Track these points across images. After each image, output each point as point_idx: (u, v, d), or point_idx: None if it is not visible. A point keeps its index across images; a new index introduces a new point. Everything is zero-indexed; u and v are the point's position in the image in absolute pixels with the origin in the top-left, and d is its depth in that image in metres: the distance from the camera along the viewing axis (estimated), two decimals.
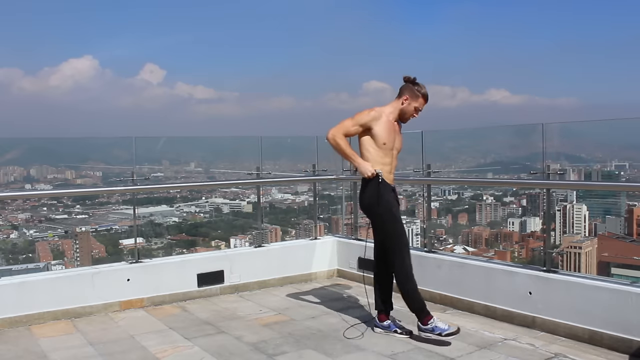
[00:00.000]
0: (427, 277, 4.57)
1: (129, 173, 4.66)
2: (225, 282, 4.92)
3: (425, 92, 3.56)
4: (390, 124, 3.56)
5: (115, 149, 6.19)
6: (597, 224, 10.30)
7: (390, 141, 3.55)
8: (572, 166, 6.12)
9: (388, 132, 3.53)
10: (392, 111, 3.59)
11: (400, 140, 3.65)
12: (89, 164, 7.04)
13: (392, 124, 3.57)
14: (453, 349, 3.43)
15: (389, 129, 3.54)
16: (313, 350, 3.47)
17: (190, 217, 10.24)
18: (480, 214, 11.51)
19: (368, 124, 3.51)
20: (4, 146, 6.62)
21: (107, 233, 9.77)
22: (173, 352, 3.49)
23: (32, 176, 7.32)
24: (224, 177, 6.31)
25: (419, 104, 3.57)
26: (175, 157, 6.75)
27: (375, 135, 3.52)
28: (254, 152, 5.28)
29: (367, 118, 3.50)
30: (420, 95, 3.55)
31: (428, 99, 3.57)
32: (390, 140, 3.55)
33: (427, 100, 3.58)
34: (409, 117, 3.59)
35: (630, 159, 6.86)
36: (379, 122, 3.52)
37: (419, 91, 3.55)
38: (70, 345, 3.65)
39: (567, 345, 3.46)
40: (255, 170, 5.23)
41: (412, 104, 3.56)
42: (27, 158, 7.29)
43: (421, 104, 3.57)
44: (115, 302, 4.41)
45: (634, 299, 3.26)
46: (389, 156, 3.57)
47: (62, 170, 7.40)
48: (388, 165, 3.58)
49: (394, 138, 3.58)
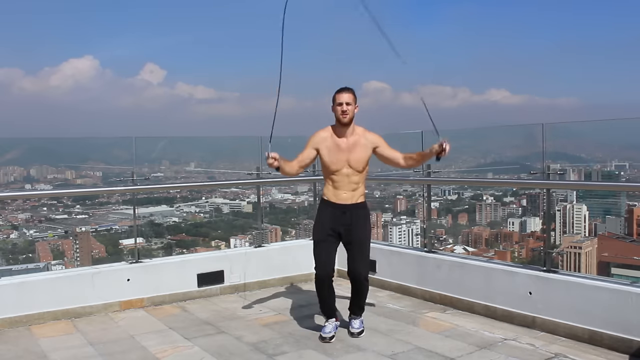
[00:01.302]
0: (427, 277, 4.57)
1: (129, 173, 4.66)
2: (225, 282, 4.92)
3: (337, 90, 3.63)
4: (333, 143, 3.62)
5: (115, 149, 6.19)
6: (597, 224, 10.31)
7: (334, 162, 3.61)
8: (572, 166, 6.12)
9: (329, 154, 3.62)
10: (331, 130, 3.67)
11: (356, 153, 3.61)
12: (89, 164, 7.04)
13: (334, 143, 3.62)
14: (453, 349, 3.43)
15: (332, 148, 3.62)
16: (313, 350, 3.47)
17: (190, 217, 10.25)
18: (480, 214, 11.53)
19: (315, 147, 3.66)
20: (4, 146, 6.63)
21: (107, 233, 9.78)
22: (173, 352, 3.49)
23: (32, 176, 7.33)
24: (224, 177, 6.31)
25: (336, 99, 3.61)
26: (175, 157, 6.75)
27: (323, 159, 3.66)
28: (254, 152, 5.28)
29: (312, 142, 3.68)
30: (334, 95, 3.64)
31: (340, 90, 3.61)
32: (334, 161, 3.61)
33: (341, 91, 3.60)
34: (338, 115, 3.59)
35: (630, 159, 6.87)
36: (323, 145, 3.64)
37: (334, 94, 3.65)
38: (70, 345, 3.65)
39: (567, 345, 3.46)
40: (255, 170, 5.23)
41: (334, 106, 3.62)
42: (27, 158, 7.29)
43: (337, 98, 3.60)
44: (115, 302, 4.41)
45: (634, 299, 3.26)
46: (338, 175, 3.63)
47: (62, 170, 7.41)
48: (337, 183, 3.64)
49: (339, 157, 3.60)
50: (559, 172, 3.98)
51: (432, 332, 3.79)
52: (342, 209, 3.63)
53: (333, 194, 3.66)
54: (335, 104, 3.60)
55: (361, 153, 3.62)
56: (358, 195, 3.67)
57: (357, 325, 3.77)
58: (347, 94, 3.59)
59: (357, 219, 3.65)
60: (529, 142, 5.23)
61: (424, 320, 4.06)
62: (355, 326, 3.76)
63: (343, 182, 3.63)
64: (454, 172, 6.34)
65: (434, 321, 4.04)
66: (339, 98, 3.59)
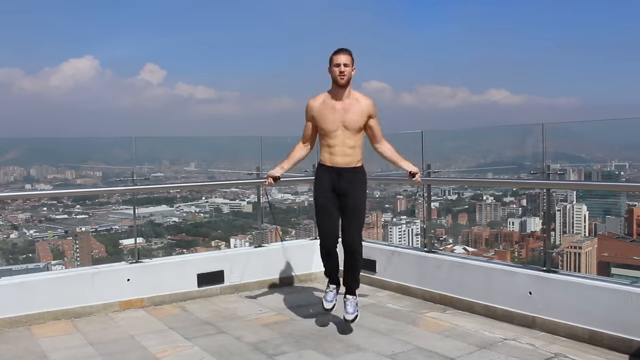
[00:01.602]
0: (427, 277, 4.57)
1: (129, 173, 4.66)
2: (225, 282, 4.92)
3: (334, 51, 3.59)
4: (326, 105, 3.59)
5: (115, 149, 6.19)
6: (597, 224, 10.30)
7: (328, 123, 3.57)
8: (572, 166, 6.12)
9: (322, 116, 3.59)
10: (326, 94, 3.64)
11: (351, 114, 3.57)
12: (89, 164, 7.04)
13: (328, 105, 3.59)
14: (453, 349, 3.43)
15: (324, 111, 3.59)
16: (313, 350, 3.47)
17: (190, 217, 10.24)
18: (480, 214, 11.51)
19: (310, 118, 3.66)
20: (4, 146, 6.63)
21: (107, 233, 9.77)
22: (173, 352, 3.49)
23: (32, 176, 7.32)
24: (224, 177, 6.30)
25: (333, 60, 3.57)
26: (175, 157, 6.75)
27: (317, 124, 3.63)
28: (254, 152, 5.28)
29: (307, 115, 3.69)
30: (331, 56, 3.59)
31: (338, 50, 3.57)
32: (328, 123, 3.58)
33: (338, 52, 3.56)
34: (335, 76, 3.54)
35: (630, 159, 6.86)
36: (315, 110, 3.62)
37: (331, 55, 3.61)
38: (70, 345, 3.65)
39: (567, 345, 3.46)
40: (255, 170, 5.23)
41: (331, 67, 3.57)
42: (27, 158, 7.29)
43: (334, 59, 3.56)
44: (115, 302, 4.41)
45: (634, 299, 3.26)
46: (333, 137, 3.59)
47: (62, 170, 7.41)
48: (333, 147, 3.60)
49: (334, 118, 3.57)
50: (559, 172, 3.98)
51: (432, 332, 3.80)
52: (338, 171, 3.59)
53: (328, 159, 3.62)
54: (332, 65, 3.55)
55: (356, 116, 3.57)
56: (354, 160, 3.62)
57: (351, 310, 3.70)
58: (344, 55, 3.54)
59: (352, 183, 3.60)
60: (529, 142, 5.23)
61: (424, 320, 4.06)
62: (350, 310, 3.70)
63: (338, 145, 3.58)
64: (454, 172, 6.33)
65: (434, 321, 4.04)
66: (337, 59, 3.53)
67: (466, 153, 6.85)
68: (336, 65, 3.52)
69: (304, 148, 3.77)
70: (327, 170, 3.62)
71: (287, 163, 3.78)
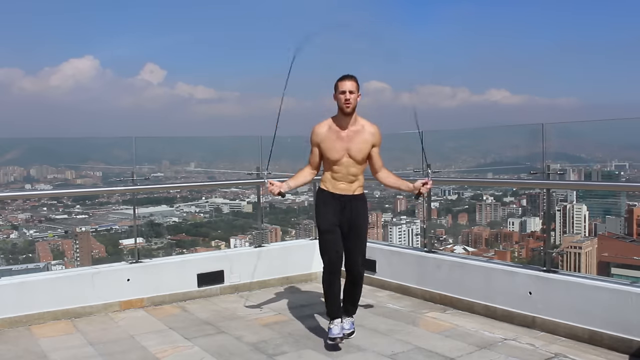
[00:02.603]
0: (427, 277, 4.57)
1: (129, 173, 4.66)
2: (225, 282, 4.92)
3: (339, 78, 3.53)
4: (331, 133, 3.55)
5: (115, 149, 6.20)
6: (597, 224, 10.31)
7: (333, 152, 3.54)
8: (572, 166, 6.12)
9: (327, 145, 3.55)
10: (330, 121, 3.60)
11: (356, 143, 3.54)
12: (89, 164, 7.04)
13: (333, 133, 3.55)
14: (453, 349, 3.43)
15: (329, 139, 3.55)
16: (313, 350, 3.47)
17: (190, 217, 10.25)
18: (480, 214, 11.52)
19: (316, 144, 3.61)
20: (4, 146, 6.64)
21: (107, 233, 9.78)
22: (173, 352, 3.49)
23: (32, 176, 7.33)
24: (224, 177, 6.31)
25: (338, 87, 3.50)
26: (175, 157, 6.76)
27: (323, 152, 3.59)
28: (254, 152, 5.28)
29: (312, 141, 3.63)
30: (336, 83, 3.53)
31: (343, 77, 3.50)
32: (333, 151, 3.54)
33: (343, 79, 3.50)
34: (341, 104, 3.47)
35: (630, 159, 6.87)
36: (321, 138, 3.57)
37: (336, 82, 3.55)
38: (70, 345, 3.65)
39: (567, 345, 3.46)
40: (255, 170, 5.23)
41: (336, 94, 3.51)
42: (27, 158, 7.29)
43: (339, 86, 3.49)
44: (115, 302, 4.41)
45: (634, 299, 3.26)
46: (338, 164, 3.55)
47: (62, 170, 7.41)
48: (337, 174, 3.56)
49: (339, 147, 3.53)
50: (559, 172, 3.98)
51: (432, 332, 3.79)
52: (341, 199, 3.56)
53: (331, 184, 3.58)
54: (337, 92, 3.49)
55: (362, 144, 3.53)
56: (356, 187, 3.59)
57: (347, 326, 3.61)
58: (350, 82, 3.47)
59: (355, 210, 3.57)
60: (528, 142, 5.23)
61: (424, 320, 4.06)
62: (346, 327, 3.61)
63: (342, 172, 3.55)
64: (454, 172, 6.34)
65: (434, 321, 4.04)
66: (342, 86, 3.46)
67: (466, 153, 6.85)
68: (342, 92, 3.45)
69: (311, 174, 3.70)
70: (331, 197, 3.58)
71: (293, 182, 3.68)
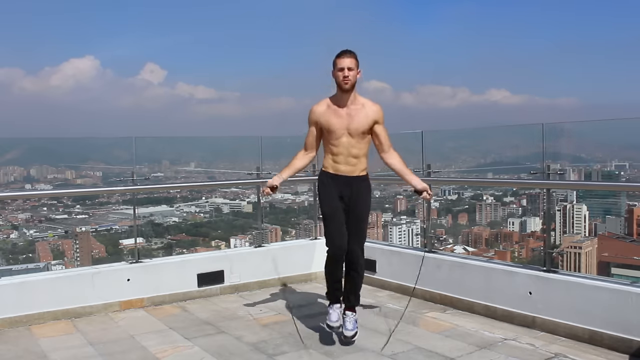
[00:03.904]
0: (427, 277, 4.57)
1: (129, 173, 4.66)
2: (225, 282, 4.92)
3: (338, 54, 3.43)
4: (330, 111, 3.45)
5: (115, 149, 6.19)
6: (597, 224, 10.31)
7: (332, 129, 3.43)
8: (572, 166, 6.12)
9: (327, 121, 3.45)
10: (329, 100, 3.50)
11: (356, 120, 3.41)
12: (89, 164, 7.04)
13: (332, 112, 3.45)
14: (453, 349, 3.43)
15: (328, 116, 3.45)
16: (313, 350, 3.47)
17: (190, 217, 10.24)
18: (480, 214, 11.52)
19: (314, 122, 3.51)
20: (4, 146, 6.63)
21: (107, 233, 9.78)
22: (173, 352, 3.49)
23: (32, 176, 7.32)
24: (224, 177, 6.31)
25: (336, 64, 3.41)
26: (175, 157, 6.75)
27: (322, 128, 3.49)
28: (254, 152, 5.28)
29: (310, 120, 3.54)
30: (335, 59, 3.44)
31: (341, 53, 3.41)
32: (332, 129, 3.43)
33: (342, 55, 3.40)
34: (339, 81, 3.38)
35: (630, 159, 6.86)
36: (319, 115, 3.48)
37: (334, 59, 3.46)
38: (70, 345, 3.65)
39: (567, 345, 3.46)
40: (255, 170, 5.23)
41: (335, 71, 3.42)
42: (27, 158, 7.29)
43: (338, 63, 3.40)
44: (115, 302, 4.41)
45: (634, 299, 3.26)
46: (337, 145, 3.45)
47: (62, 170, 7.41)
48: (337, 155, 3.47)
49: (338, 124, 3.42)
50: (559, 172, 3.98)
51: (432, 332, 3.80)
52: (343, 180, 3.46)
53: (332, 166, 3.49)
54: (335, 68, 3.39)
55: (362, 121, 3.41)
56: (359, 169, 3.48)
57: (350, 327, 3.52)
58: (348, 58, 3.37)
59: (357, 191, 3.48)
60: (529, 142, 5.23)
61: (424, 320, 4.06)
62: (349, 327, 3.52)
63: (342, 154, 3.45)
64: (454, 172, 6.34)
65: (434, 321, 4.04)
66: (340, 63, 3.36)
67: (466, 153, 6.85)
68: (340, 69, 3.35)
69: (306, 157, 3.60)
70: (332, 178, 3.48)
71: (287, 172, 3.59)
